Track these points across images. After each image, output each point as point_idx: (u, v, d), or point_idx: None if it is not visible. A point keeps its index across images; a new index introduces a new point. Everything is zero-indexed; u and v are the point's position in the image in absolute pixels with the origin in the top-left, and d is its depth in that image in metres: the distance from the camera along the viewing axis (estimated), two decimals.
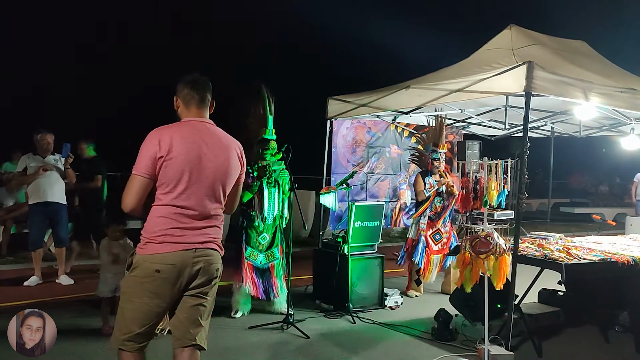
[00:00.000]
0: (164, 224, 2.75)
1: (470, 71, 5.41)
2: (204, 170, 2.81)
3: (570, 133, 8.24)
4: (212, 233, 2.88)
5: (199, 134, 2.85)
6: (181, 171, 2.75)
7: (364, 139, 8.12)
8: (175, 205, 2.76)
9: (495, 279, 4.10)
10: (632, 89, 5.26)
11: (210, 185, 2.84)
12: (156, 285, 2.74)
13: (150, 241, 2.76)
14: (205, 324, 2.95)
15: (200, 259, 2.80)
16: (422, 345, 4.86)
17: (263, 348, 4.69)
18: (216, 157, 2.86)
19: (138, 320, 2.78)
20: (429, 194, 6.51)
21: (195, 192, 2.79)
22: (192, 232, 2.79)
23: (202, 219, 2.83)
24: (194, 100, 2.92)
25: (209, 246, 2.85)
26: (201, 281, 2.84)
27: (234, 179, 2.98)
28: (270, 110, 5.68)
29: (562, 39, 6.63)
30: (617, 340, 5.02)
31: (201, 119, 2.93)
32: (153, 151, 2.72)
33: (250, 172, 5.56)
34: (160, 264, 2.72)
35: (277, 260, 5.67)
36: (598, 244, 5.37)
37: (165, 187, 2.76)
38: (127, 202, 2.75)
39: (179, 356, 2.88)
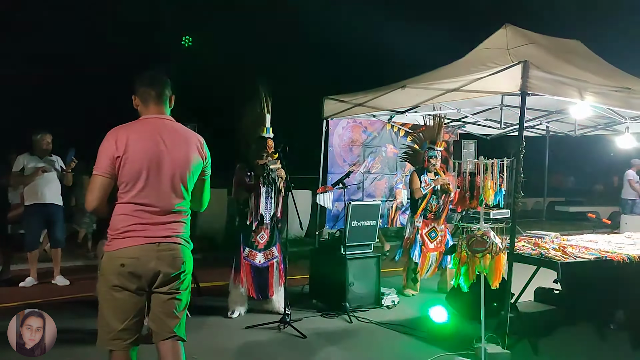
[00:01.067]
0: (126, 221, 2.82)
1: (466, 70, 5.43)
2: (163, 167, 2.86)
3: (566, 132, 8.27)
4: (176, 228, 2.92)
5: (156, 131, 2.90)
6: (139, 169, 2.82)
7: (360, 139, 8.15)
8: (135, 203, 2.83)
9: (491, 278, 4.11)
10: (627, 88, 5.28)
11: (170, 181, 2.89)
12: (123, 279, 2.80)
13: (115, 238, 2.84)
14: (182, 315, 2.99)
15: (164, 253, 2.85)
16: (419, 344, 4.87)
17: (260, 348, 4.70)
18: (175, 153, 2.90)
19: (116, 316, 2.83)
20: (425, 192, 6.52)
21: (155, 189, 2.85)
22: (154, 227, 2.85)
23: (164, 214, 2.88)
24: (151, 97, 2.96)
25: (173, 240, 2.90)
26: (169, 275, 2.88)
27: (196, 174, 3.02)
28: (267, 109, 5.68)
29: (557, 39, 6.65)
30: (612, 338, 5.03)
31: (159, 115, 2.98)
32: (110, 151, 2.79)
33: (247, 171, 5.57)
34: (125, 258, 2.80)
35: (276, 259, 5.68)
36: (593, 243, 5.40)
37: (125, 185, 2.83)
38: (89, 201, 2.83)
39: (161, 349, 2.95)
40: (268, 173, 5.52)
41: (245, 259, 5.57)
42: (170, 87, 3.02)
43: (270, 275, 5.64)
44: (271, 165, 5.53)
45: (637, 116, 6.55)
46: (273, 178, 5.56)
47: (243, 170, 5.62)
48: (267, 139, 5.62)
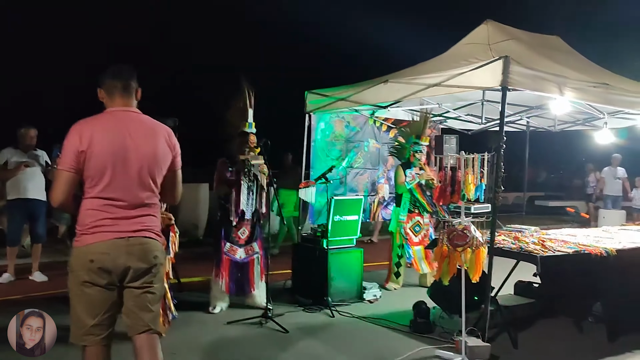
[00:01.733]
0: (94, 216, 2.80)
1: (448, 66, 5.44)
2: (129, 160, 2.84)
3: (546, 127, 8.34)
4: (146, 222, 2.91)
5: (122, 124, 2.88)
6: (105, 163, 2.79)
7: (342, 133, 8.12)
8: (102, 197, 2.81)
9: (472, 272, 4.14)
10: (605, 84, 5.35)
11: (138, 174, 2.86)
12: (93, 275, 2.78)
13: (83, 233, 2.82)
14: (157, 308, 3.00)
15: (134, 247, 2.84)
16: (401, 337, 4.90)
17: (242, 343, 4.69)
18: (142, 146, 2.87)
19: (87, 312, 2.82)
20: (410, 186, 6.55)
21: (122, 183, 2.83)
22: (124, 222, 2.83)
23: (133, 208, 2.86)
24: (116, 89, 2.93)
25: (143, 234, 2.89)
26: (140, 270, 2.87)
27: (165, 166, 2.99)
28: (250, 103, 5.64)
29: (537, 34, 6.71)
30: (590, 330, 5.12)
31: (125, 107, 2.95)
32: (75, 146, 2.76)
33: (229, 166, 5.53)
34: (94, 254, 2.78)
35: (257, 255, 5.66)
36: (572, 236, 5.47)
37: (91, 180, 2.81)
38: (54, 197, 2.81)
39: (137, 342, 2.94)
40: (249, 169, 5.48)
41: (226, 254, 5.54)
42: (136, 79, 2.99)
43: (250, 270, 5.62)
44: (253, 160, 5.49)
45: (615, 112, 6.64)
46: (255, 174, 5.53)
47: (225, 165, 5.58)
48: (249, 134, 5.58)
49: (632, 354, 4.58)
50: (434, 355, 4.41)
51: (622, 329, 4.87)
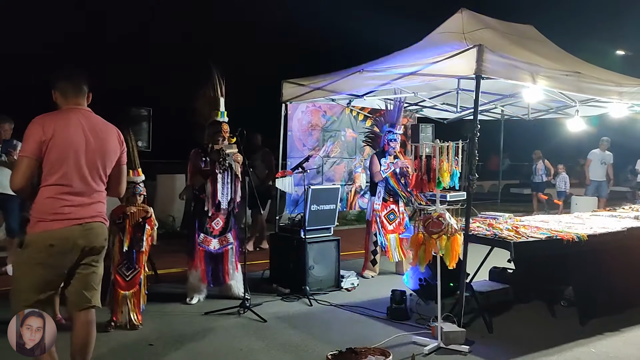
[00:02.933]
0: (53, 203, 3.08)
1: (423, 55, 5.47)
2: (85, 153, 3.16)
3: (519, 116, 8.46)
4: (98, 208, 3.25)
5: (79, 120, 3.20)
6: (64, 154, 3.09)
7: (319, 123, 8.13)
8: (60, 185, 3.09)
9: (447, 258, 4.19)
10: (577, 72, 5.44)
11: (92, 166, 3.20)
12: (52, 259, 3.07)
13: (41, 220, 3.07)
14: (98, 287, 3.35)
15: (89, 232, 3.16)
16: (378, 325, 4.94)
17: (219, 333, 4.68)
18: (96, 140, 3.21)
19: (34, 289, 3.09)
20: (385, 175, 6.58)
21: (78, 172, 3.14)
22: (79, 209, 3.14)
23: (87, 196, 3.18)
24: (70, 90, 3.25)
25: (96, 220, 3.22)
26: (92, 252, 3.21)
27: (114, 160, 3.35)
28: (221, 92, 5.57)
29: (511, 23, 6.77)
30: (562, 314, 5.23)
31: (79, 106, 3.28)
32: (38, 136, 3.03)
33: (203, 156, 5.48)
34: (54, 239, 3.06)
35: (231, 245, 5.63)
36: (545, 223, 5.56)
37: (50, 168, 3.08)
38: (15, 182, 3.05)
39: (77, 318, 3.25)
40: (224, 158, 5.43)
41: (200, 245, 5.50)
42: (87, 83, 3.32)
43: (225, 261, 5.60)
44: (227, 150, 5.45)
45: (587, 100, 6.76)
46: (229, 163, 5.49)
47: (198, 155, 5.52)
48: (222, 123, 5.52)
49: (602, 336, 4.69)
50: (410, 341, 4.46)
51: (594, 312, 4.98)
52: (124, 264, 4.81)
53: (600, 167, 12.05)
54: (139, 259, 4.83)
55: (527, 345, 4.42)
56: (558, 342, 4.49)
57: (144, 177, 5.01)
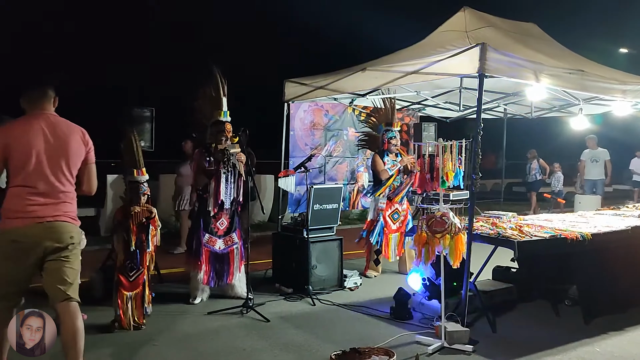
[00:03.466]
0: (17, 202, 3.30)
1: (425, 53, 5.45)
2: (47, 155, 3.35)
3: (522, 114, 8.44)
4: (63, 207, 3.40)
5: (40, 124, 3.40)
6: (25, 157, 3.30)
7: (321, 122, 8.12)
8: (25, 186, 3.30)
9: (452, 258, 4.17)
10: (581, 71, 5.41)
11: (55, 167, 3.38)
12: (15, 254, 3.28)
13: (7, 217, 3.30)
14: (75, 281, 3.46)
15: (52, 230, 3.33)
16: (381, 324, 4.93)
17: (222, 333, 4.67)
18: (57, 143, 3.40)
19: (5, 280, 3.30)
20: (393, 173, 6.57)
21: (41, 174, 3.34)
22: (44, 208, 3.32)
23: (51, 196, 3.36)
24: (34, 96, 3.48)
25: (60, 219, 3.38)
26: (58, 248, 3.35)
27: (79, 160, 3.52)
28: (223, 92, 5.56)
29: (514, 22, 6.76)
30: (566, 313, 5.21)
31: (44, 111, 3.48)
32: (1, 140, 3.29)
33: (207, 156, 5.47)
34: (16, 236, 3.27)
35: (236, 245, 5.62)
36: (549, 222, 5.54)
37: (14, 171, 3.31)
38: None
39: (58, 309, 3.40)
40: (228, 158, 5.43)
41: (205, 246, 5.49)
42: (53, 89, 3.54)
43: (230, 261, 5.59)
44: (231, 149, 5.44)
45: (590, 98, 6.74)
46: (233, 163, 5.48)
47: (202, 155, 5.51)
48: (225, 123, 5.51)
49: (607, 335, 4.67)
50: (414, 341, 4.44)
51: (598, 312, 4.96)
52: (127, 265, 4.80)
53: (592, 166, 11.78)
54: (142, 260, 4.82)
55: (531, 344, 4.40)
56: (562, 342, 4.47)
57: (148, 177, 5.01)
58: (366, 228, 6.78)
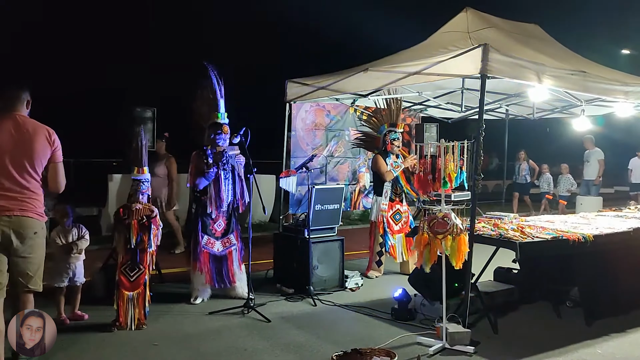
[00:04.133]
0: None
1: (428, 54, 5.45)
2: (11, 154, 3.58)
3: (524, 115, 8.43)
4: (28, 202, 3.64)
5: (8, 125, 3.63)
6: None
7: (323, 122, 8.11)
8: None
9: (453, 259, 4.16)
10: (583, 72, 5.40)
11: (19, 165, 3.60)
12: None
13: None
14: (36, 273, 3.71)
15: (16, 224, 3.57)
16: (382, 325, 4.93)
17: (224, 333, 4.67)
18: (22, 142, 3.62)
19: None
20: (397, 174, 6.57)
21: (5, 172, 3.57)
22: (9, 202, 3.56)
23: (17, 192, 3.59)
24: (6, 97, 3.71)
25: (24, 214, 3.61)
26: (20, 242, 3.59)
27: (44, 159, 3.71)
28: (220, 93, 5.55)
29: (516, 22, 6.74)
30: (568, 315, 5.20)
31: (14, 112, 3.70)
32: None
33: (205, 158, 5.46)
34: None
35: (234, 246, 5.62)
36: (550, 223, 5.53)
37: None
38: None
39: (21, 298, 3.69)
40: (227, 160, 5.43)
41: (204, 248, 5.48)
42: (27, 92, 3.77)
43: (229, 262, 5.58)
44: (230, 151, 5.44)
45: (592, 99, 6.73)
46: (232, 164, 5.48)
47: (200, 157, 5.50)
48: (223, 125, 5.50)
49: (608, 337, 4.66)
50: (415, 342, 4.43)
51: (599, 313, 4.95)
52: (127, 264, 4.80)
53: (585, 166, 11.76)
54: (143, 259, 4.82)
55: (533, 346, 4.39)
56: (563, 343, 4.46)
57: (149, 176, 5.03)
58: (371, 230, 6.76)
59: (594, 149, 11.72)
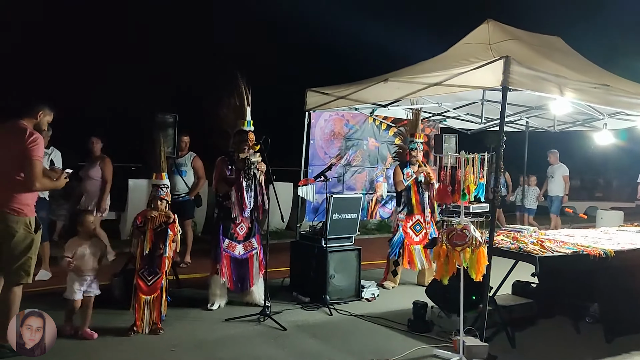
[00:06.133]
0: None
1: (448, 65, 5.44)
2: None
3: (545, 127, 8.36)
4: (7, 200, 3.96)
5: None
6: None
7: (341, 132, 8.13)
8: None
9: (472, 271, 4.13)
10: (606, 85, 5.35)
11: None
12: None
13: None
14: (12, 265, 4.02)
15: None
16: (398, 337, 4.90)
17: (240, 340, 4.68)
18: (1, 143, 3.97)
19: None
20: (407, 184, 6.56)
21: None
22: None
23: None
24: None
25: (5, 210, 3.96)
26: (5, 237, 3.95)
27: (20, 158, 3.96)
28: (247, 101, 5.62)
29: (538, 35, 6.71)
30: (587, 331, 5.13)
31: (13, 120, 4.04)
32: None
33: (229, 164, 5.54)
34: None
35: (255, 251, 5.66)
36: (570, 237, 5.47)
37: None
38: None
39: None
40: (250, 167, 5.48)
41: (225, 251, 5.53)
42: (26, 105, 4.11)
43: (250, 266, 5.63)
44: (252, 158, 5.49)
45: (615, 113, 6.65)
46: (254, 171, 5.53)
47: (225, 163, 5.59)
48: (249, 132, 5.57)
49: (629, 355, 4.58)
50: (432, 355, 4.41)
51: (619, 330, 4.87)
52: (145, 269, 4.85)
53: (550, 182, 11.22)
54: (160, 264, 4.86)
55: None
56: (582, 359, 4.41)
57: (168, 183, 5.08)
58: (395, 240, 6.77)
59: (558, 164, 11.19)
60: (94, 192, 6.97)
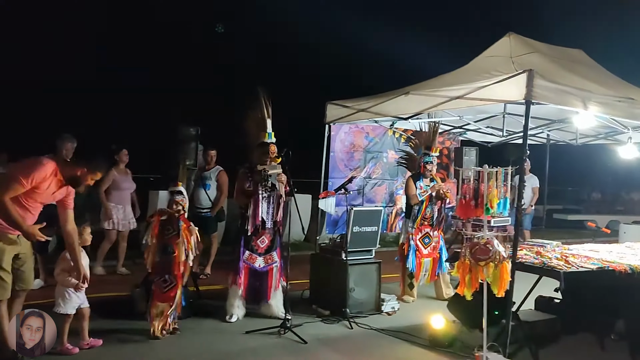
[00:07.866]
0: None
1: (470, 78, 5.43)
2: None
3: (567, 140, 8.28)
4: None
5: None
6: None
7: (361, 144, 8.16)
8: None
9: (495, 286, 4.09)
10: (630, 99, 5.30)
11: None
12: None
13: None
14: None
15: None
16: (420, 351, 4.86)
17: (261, 353, 4.68)
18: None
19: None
20: (422, 198, 6.52)
21: None
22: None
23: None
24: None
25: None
26: None
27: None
28: (268, 114, 5.67)
29: (560, 48, 6.67)
30: (612, 348, 5.03)
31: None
32: None
33: (249, 176, 5.58)
34: None
35: (276, 264, 5.66)
36: (595, 252, 5.39)
37: None
38: None
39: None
40: (266, 179, 5.52)
41: (245, 262, 5.56)
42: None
43: (269, 279, 5.63)
44: (270, 170, 5.52)
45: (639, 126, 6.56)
46: (272, 183, 5.55)
47: (245, 175, 5.64)
48: (270, 145, 5.61)
49: None
50: None
51: None
52: (159, 274, 4.97)
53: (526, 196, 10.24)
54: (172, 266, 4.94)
55: None
56: None
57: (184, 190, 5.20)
58: (399, 253, 6.73)
59: (529, 175, 10.34)
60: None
